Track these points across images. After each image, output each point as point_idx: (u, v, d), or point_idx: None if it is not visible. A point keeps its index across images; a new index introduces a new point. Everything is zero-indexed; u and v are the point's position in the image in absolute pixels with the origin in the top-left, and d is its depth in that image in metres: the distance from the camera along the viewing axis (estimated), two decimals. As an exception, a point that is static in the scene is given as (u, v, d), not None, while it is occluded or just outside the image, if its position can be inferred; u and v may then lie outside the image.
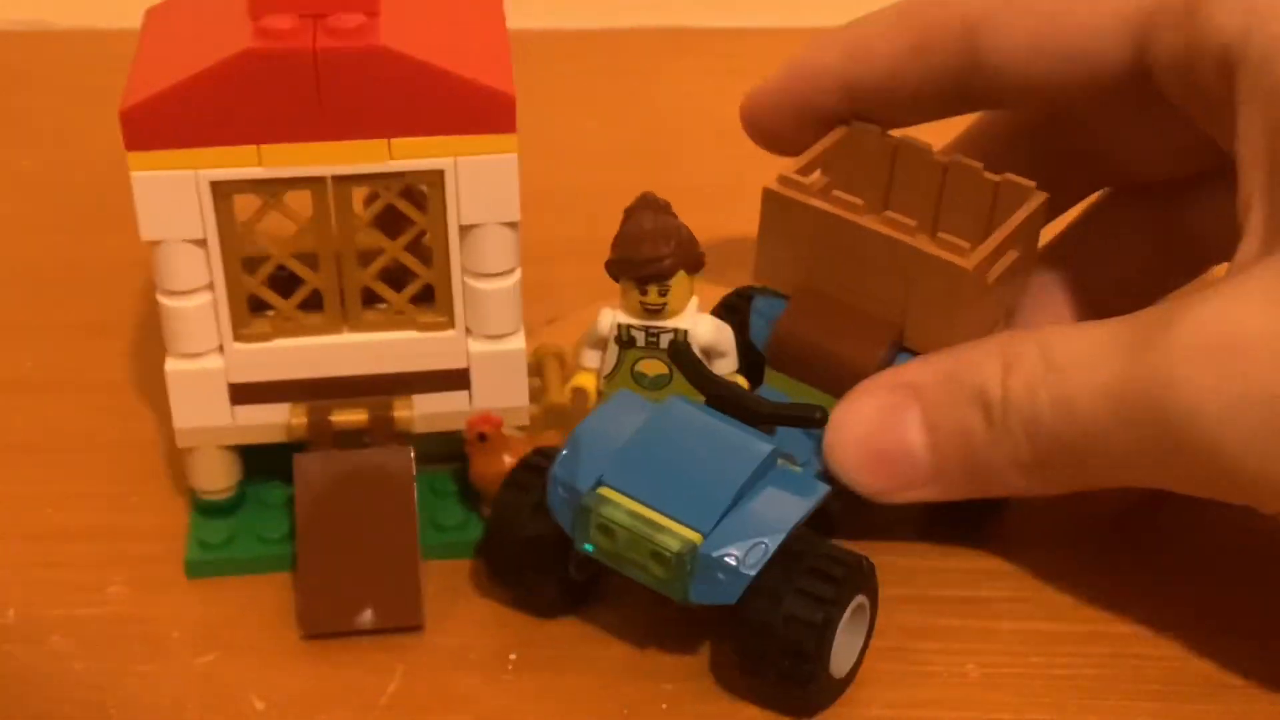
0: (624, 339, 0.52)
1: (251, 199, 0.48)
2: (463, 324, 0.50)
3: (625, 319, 0.52)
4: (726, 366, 0.52)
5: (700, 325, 0.52)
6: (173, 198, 0.47)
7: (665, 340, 0.52)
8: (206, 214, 0.47)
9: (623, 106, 0.77)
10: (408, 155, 0.47)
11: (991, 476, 0.47)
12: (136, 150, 0.46)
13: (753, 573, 0.44)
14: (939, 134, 0.55)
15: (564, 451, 0.47)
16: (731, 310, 0.56)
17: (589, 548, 0.46)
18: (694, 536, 0.45)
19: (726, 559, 0.44)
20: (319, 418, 0.50)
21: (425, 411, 0.51)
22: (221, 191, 0.47)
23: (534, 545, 0.48)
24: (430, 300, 0.50)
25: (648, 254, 0.50)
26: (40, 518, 0.53)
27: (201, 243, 0.48)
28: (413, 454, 0.50)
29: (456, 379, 0.51)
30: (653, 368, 0.52)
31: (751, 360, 0.53)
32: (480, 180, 0.48)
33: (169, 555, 0.52)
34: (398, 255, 0.49)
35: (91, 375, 0.60)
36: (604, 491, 0.46)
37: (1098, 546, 0.52)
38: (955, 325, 0.49)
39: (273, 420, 0.51)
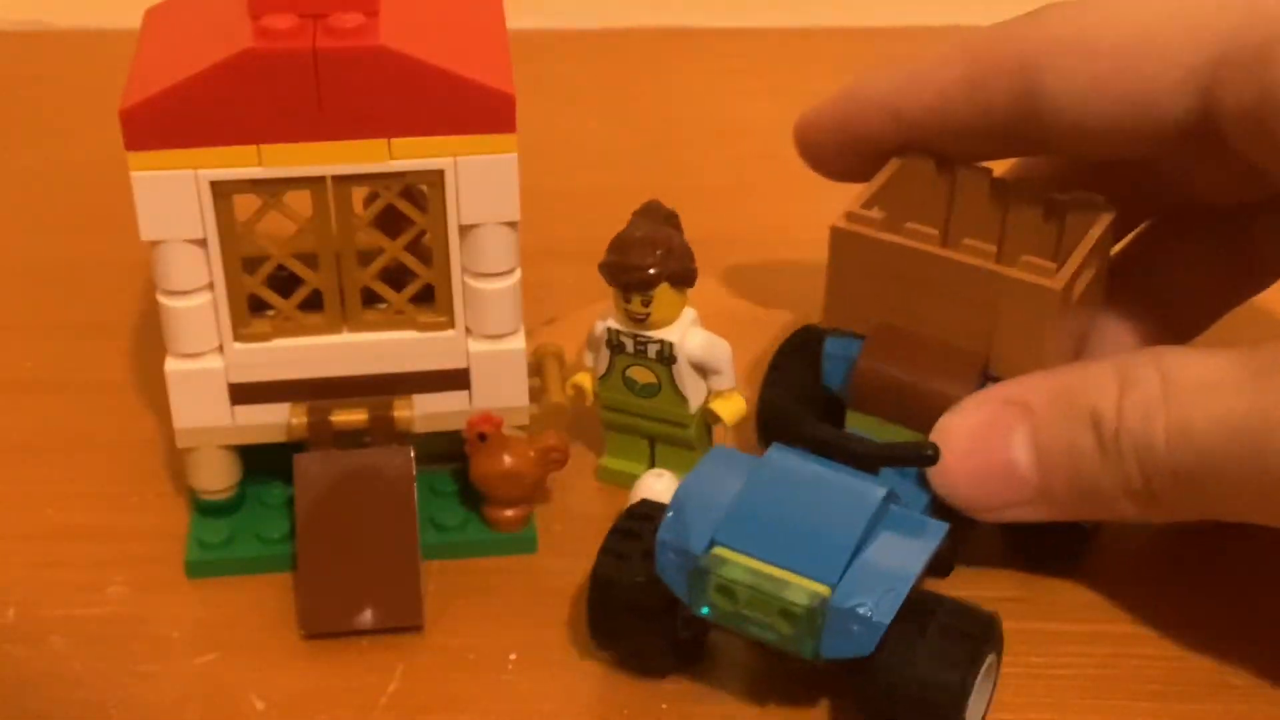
0: (614, 343, 0.52)
1: (251, 199, 0.48)
2: (463, 324, 0.50)
3: (615, 324, 0.52)
4: (722, 383, 0.52)
5: (690, 339, 0.51)
6: (173, 198, 0.47)
7: (653, 350, 0.52)
8: (206, 214, 0.47)
9: (623, 106, 0.77)
10: (408, 155, 0.47)
11: (1099, 501, 0.46)
12: (136, 150, 0.46)
13: (887, 620, 0.43)
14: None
15: (669, 514, 0.45)
16: (804, 348, 0.54)
17: (707, 611, 0.45)
18: (822, 589, 0.43)
19: (859, 609, 0.43)
20: (319, 418, 0.50)
21: (425, 411, 0.51)
22: (221, 191, 0.47)
23: (641, 607, 0.46)
24: (430, 300, 0.50)
25: (632, 262, 0.50)
26: (40, 518, 0.53)
27: (201, 243, 0.48)
28: (413, 454, 0.50)
29: (456, 379, 0.51)
30: (642, 375, 0.52)
31: (827, 403, 0.51)
32: (480, 180, 0.48)
33: (169, 555, 0.52)
34: (398, 255, 0.49)
35: (91, 375, 0.60)
36: (720, 552, 0.44)
37: (1097, 547, 0.52)
38: (1044, 349, 0.47)
39: (273, 420, 0.51)
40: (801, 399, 0.51)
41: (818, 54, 0.81)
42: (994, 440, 0.47)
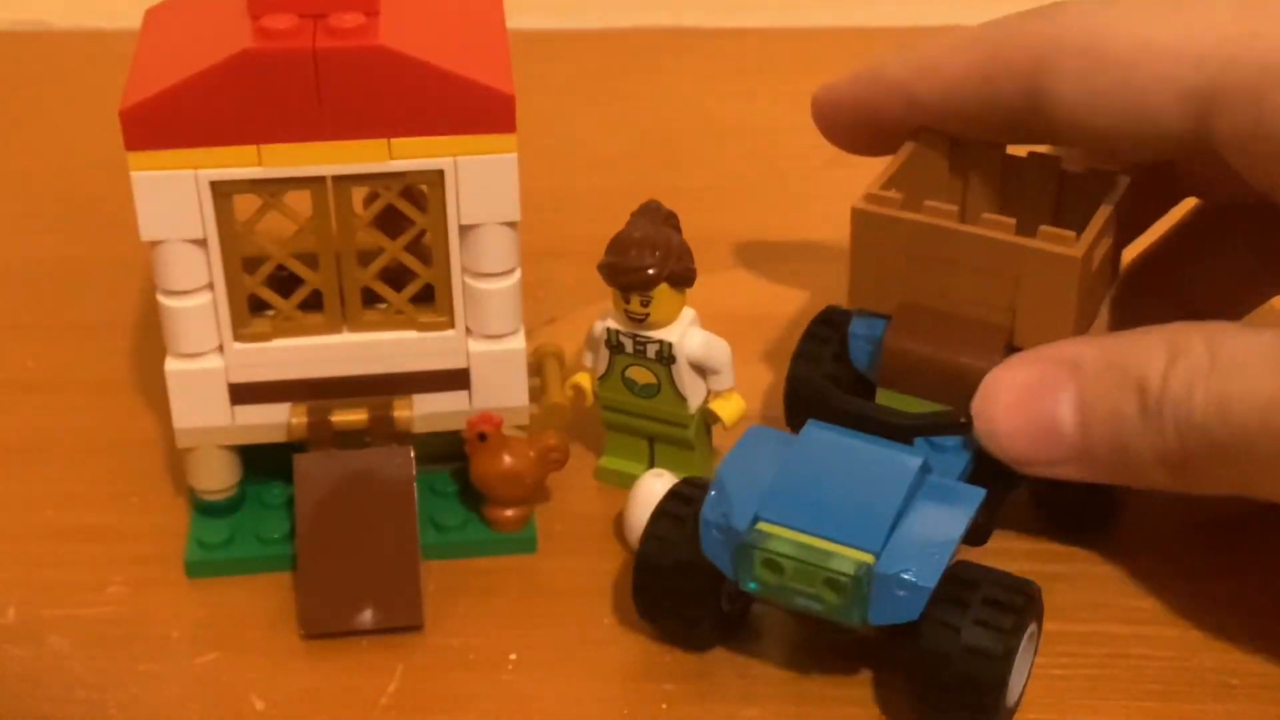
0: (613, 344, 0.52)
1: (251, 199, 0.48)
2: (463, 324, 0.50)
3: (614, 325, 0.52)
4: (721, 383, 0.52)
5: (689, 339, 0.51)
6: (173, 198, 0.47)
7: (652, 350, 0.52)
8: (206, 214, 0.47)
9: (623, 106, 0.77)
10: (408, 155, 0.47)
11: (1136, 466, 0.46)
12: (136, 150, 0.46)
13: (932, 584, 0.44)
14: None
15: (711, 493, 0.46)
16: (833, 326, 0.54)
17: (754, 586, 0.45)
18: (866, 557, 0.44)
19: (904, 575, 0.44)
20: (319, 418, 0.50)
21: (425, 411, 0.51)
22: (221, 191, 0.47)
23: (685, 582, 0.47)
24: (430, 300, 0.50)
25: (630, 263, 0.50)
26: (40, 518, 0.53)
27: (201, 243, 0.48)
28: (413, 454, 0.50)
29: (456, 379, 0.51)
30: (642, 375, 0.52)
31: (855, 383, 0.52)
32: (480, 180, 0.48)
33: (169, 555, 0.52)
34: (398, 255, 0.49)
35: (91, 375, 0.60)
36: (764, 527, 0.45)
37: (1096, 546, 0.52)
38: (1067, 317, 0.48)
39: (273, 420, 0.51)
40: (830, 378, 0.52)
41: (818, 54, 0.81)
42: (1042, 397, 0.47)
